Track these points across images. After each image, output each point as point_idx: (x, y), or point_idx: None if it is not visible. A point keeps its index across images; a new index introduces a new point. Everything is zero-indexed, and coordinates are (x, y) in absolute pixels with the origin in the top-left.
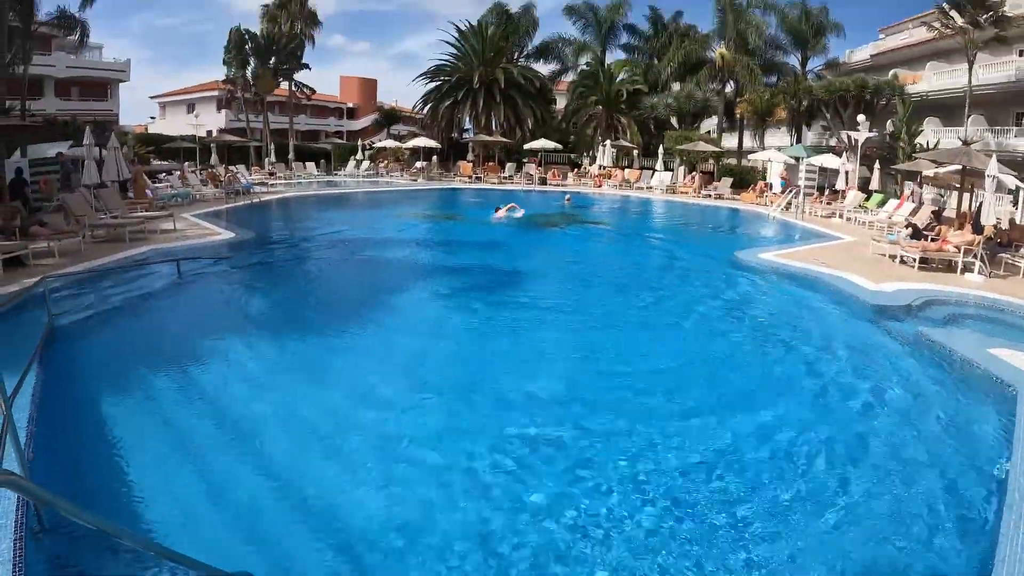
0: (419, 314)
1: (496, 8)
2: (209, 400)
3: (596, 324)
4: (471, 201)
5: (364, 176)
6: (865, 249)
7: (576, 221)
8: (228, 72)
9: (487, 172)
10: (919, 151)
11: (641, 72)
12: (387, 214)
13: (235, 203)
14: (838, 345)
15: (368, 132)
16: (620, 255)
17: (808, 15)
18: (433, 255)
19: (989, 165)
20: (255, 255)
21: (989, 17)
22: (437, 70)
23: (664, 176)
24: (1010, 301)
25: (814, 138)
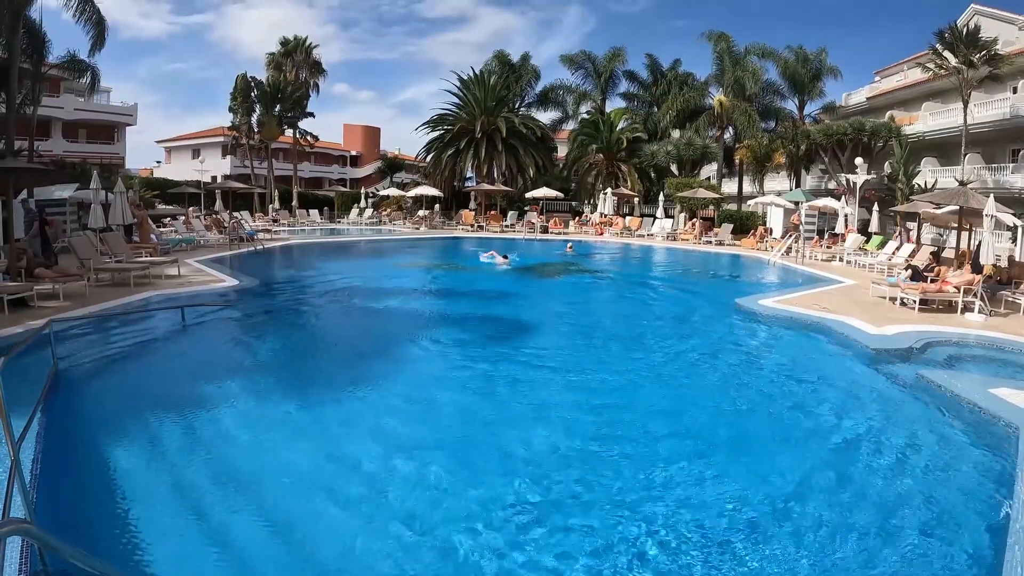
0: (418, 367)
1: (498, 57)
2: (210, 449)
3: (596, 374)
4: (473, 250)
5: (367, 224)
6: (865, 292)
7: (578, 270)
8: (233, 119)
9: (489, 221)
10: (917, 192)
11: (641, 120)
12: (389, 263)
13: (238, 250)
14: (839, 391)
15: (371, 180)
16: (621, 304)
17: (805, 60)
18: (435, 305)
19: (987, 205)
20: (258, 303)
21: (982, 56)
22: (440, 119)
23: (665, 223)
24: (1011, 340)
25: (813, 182)
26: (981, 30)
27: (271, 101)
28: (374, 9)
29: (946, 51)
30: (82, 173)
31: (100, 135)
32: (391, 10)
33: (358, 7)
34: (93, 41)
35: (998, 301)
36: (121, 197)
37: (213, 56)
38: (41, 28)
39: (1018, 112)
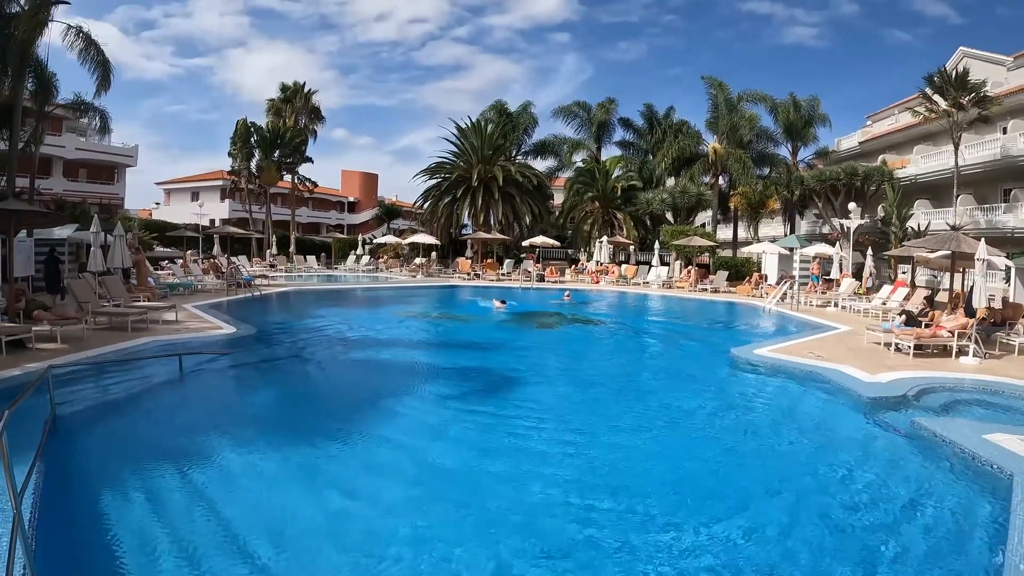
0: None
1: (495, 106)
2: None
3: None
4: (470, 299)
5: (364, 271)
6: (860, 338)
7: (575, 319)
8: (233, 163)
9: (485, 269)
10: (911, 234)
11: (636, 168)
12: (387, 311)
13: (236, 295)
14: (832, 441)
15: (368, 226)
16: (618, 355)
17: (798, 107)
18: (432, 356)
19: (978, 249)
20: (255, 352)
21: (972, 99)
22: (437, 167)
23: (661, 271)
24: (1006, 382)
25: (807, 227)
26: (970, 72)
27: (270, 146)
28: (373, 56)
29: (936, 94)
30: (82, 214)
31: (100, 175)
32: (390, 57)
33: (357, 54)
34: (98, 83)
35: (993, 343)
36: (120, 240)
37: (214, 99)
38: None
39: (1008, 152)
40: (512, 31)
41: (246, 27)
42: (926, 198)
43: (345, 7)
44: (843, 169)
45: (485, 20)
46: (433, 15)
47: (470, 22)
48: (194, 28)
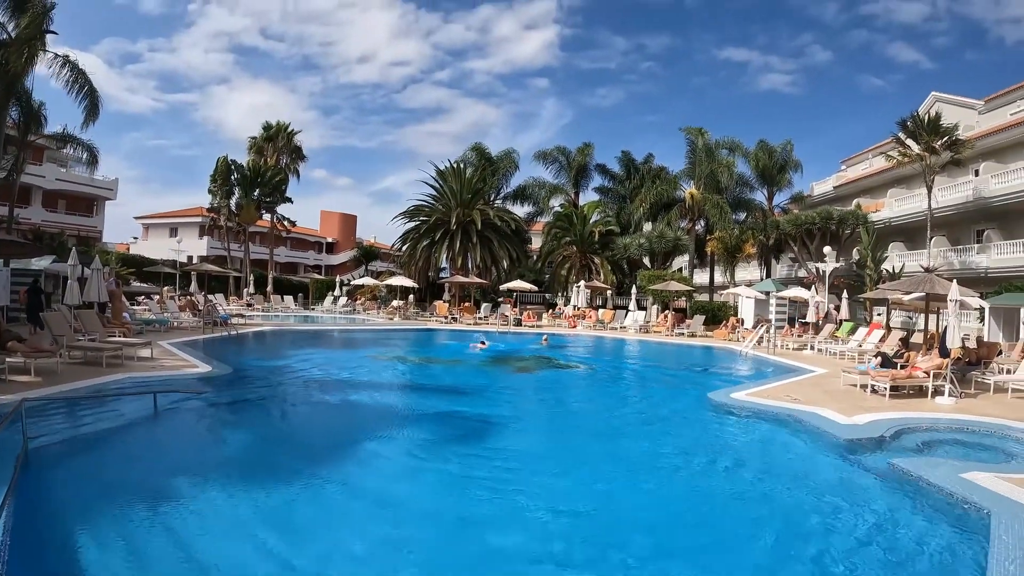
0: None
1: (476, 149)
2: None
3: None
4: (446, 343)
5: (341, 312)
6: (836, 381)
7: (553, 364)
8: (213, 200)
9: (463, 313)
10: (885, 277)
11: (614, 213)
12: (363, 354)
13: (212, 334)
14: (809, 484)
15: (346, 267)
16: (594, 400)
17: (772, 153)
18: (408, 400)
19: (951, 290)
20: (230, 392)
21: (944, 142)
22: (416, 210)
23: (637, 315)
24: (981, 421)
25: (783, 271)
26: (942, 116)
27: (251, 185)
28: (355, 97)
29: (909, 139)
30: (59, 245)
31: (79, 207)
32: (371, 99)
33: (340, 95)
34: (86, 113)
35: (968, 382)
36: (97, 274)
37: (196, 135)
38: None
39: (981, 194)
40: (493, 76)
41: (230, 65)
42: (900, 240)
43: (329, 48)
44: (818, 213)
45: (466, 64)
46: (415, 58)
47: (451, 66)
48: (179, 63)
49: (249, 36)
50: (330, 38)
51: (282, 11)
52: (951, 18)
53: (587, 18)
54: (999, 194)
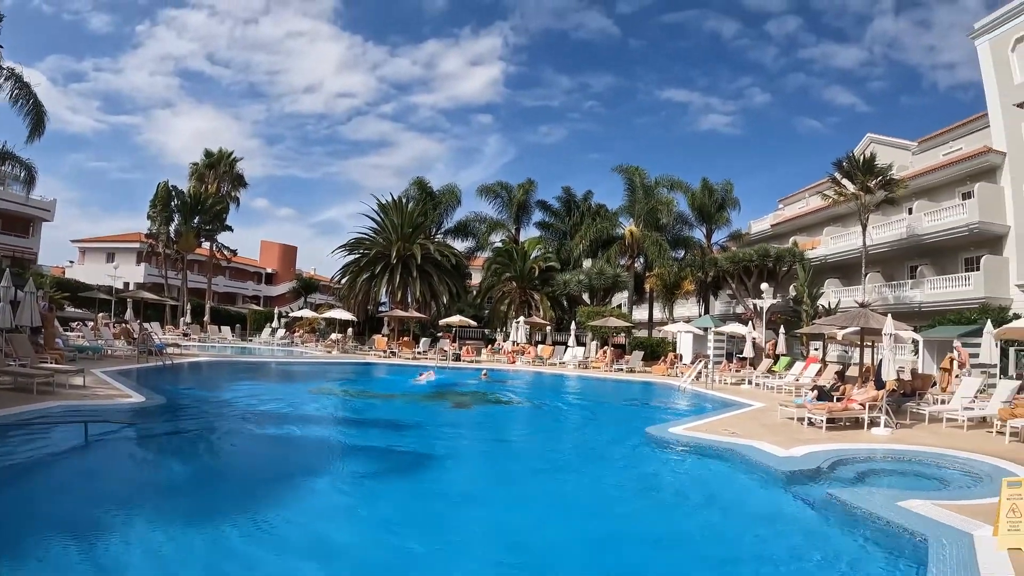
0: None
1: (417, 183)
2: None
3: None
4: (384, 377)
5: (279, 345)
6: (774, 414)
7: (491, 399)
8: (152, 226)
9: (402, 347)
10: (821, 312)
11: (554, 249)
12: (300, 387)
13: (146, 363)
14: (747, 516)
15: (285, 299)
16: (533, 434)
17: (712, 191)
18: (343, 435)
19: (885, 324)
20: (163, 423)
21: (879, 182)
22: (356, 243)
23: (577, 351)
24: (916, 450)
25: (721, 307)
26: (877, 157)
27: (191, 212)
28: (299, 127)
29: (845, 179)
30: None
31: (15, 227)
32: (315, 130)
33: (284, 124)
34: (31, 129)
35: (903, 413)
36: (31, 297)
37: (138, 159)
38: None
39: (914, 231)
40: (437, 111)
41: (175, 88)
42: (836, 277)
43: (275, 77)
44: (756, 251)
45: (411, 99)
46: (361, 91)
47: (396, 99)
48: (123, 84)
49: (196, 61)
50: (277, 67)
51: (230, 37)
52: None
53: (532, 56)
54: (931, 231)
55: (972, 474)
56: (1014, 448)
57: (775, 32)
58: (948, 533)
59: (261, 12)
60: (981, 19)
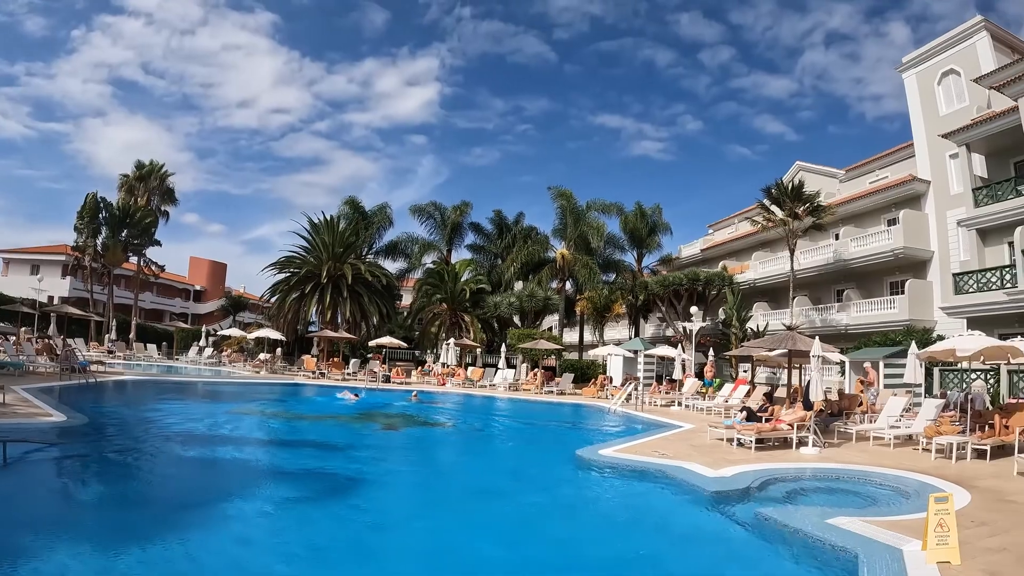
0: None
1: (350, 202)
2: None
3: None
4: (313, 398)
5: (206, 364)
6: (703, 436)
7: (421, 421)
8: (78, 238)
9: (331, 368)
10: (750, 335)
11: (485, 272)
12: (227, 407)
13: (69, 380)
14: (676, 536)
15: (214, 317)
16: (462, 456)
17: (643, 215)
18: (269, 456)
19: (813, 347)
20: (85, 444)
21: (807, 208)
22: (287, 261)
23: (507, 373)
24: (843, 468)
25: (652, 330)
26: (805, 184)
27: (119, 225)
28: (232, 142)
29: (774, 205)
30: None
31: None
32: (248, 145)
33: (217, 138)
34: None
35: (831, 433)
36: None
37: (66, 168)
38: None
39: (841, 256)
40: (371, 130)
41: (107, 97)
42: (765, 300)
43: (210, 89)
44: (685, 275)
45: (346, 117)
46: (295, 107)
47: (331, 117)
48: (55, 91)
49: (130, 70)
50: (212, 79)
51: (166, 47)
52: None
53: (468, 78)
54: (857, 256)
55: (900, 491)
56: (939, 464)
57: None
58: (878, 549)
59: (199, 23)
60: (909, 53)
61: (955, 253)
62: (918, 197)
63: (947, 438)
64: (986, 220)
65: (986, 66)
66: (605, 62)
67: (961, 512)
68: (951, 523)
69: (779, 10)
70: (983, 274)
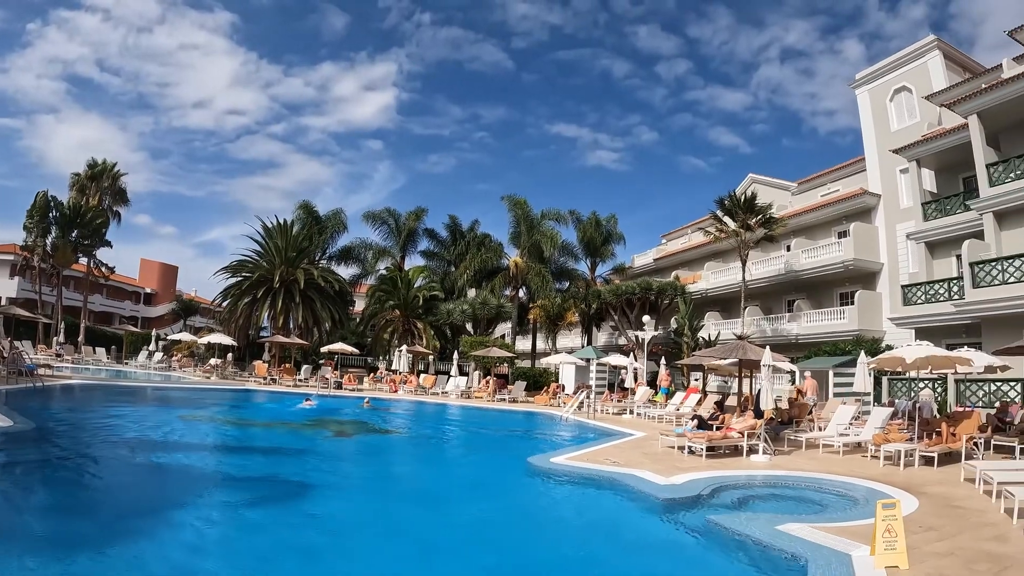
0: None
1: (304, 207)
2: None
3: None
4: (264, 404)
5: (156, 368)
6: (655, 444)
7: (372, 428)
8: (27, 237)
9: (282, 374)
10: (702, 344)
11: (439, 279)
12: (177, 413)
13: (15, 384)
14: (627, 544)
15: (164, 321)
16: (413, 464)
17: (598, 225)
18: (218, 463)
19: (763, 356)
20: (31, 450)
21: (759, 220)
22: (239, 265)
23: (459, 381)
24: (793, 475)
25: (605, 338)
26: (758, 196)
27: (69, 225)
28: (186, 143)
29: (726, 216)
30: None
31: None
32: (203, 147)
33: (171, 138)
34: None
35: (781, 440)
36: None
37: (16, 165)
38: None
39: (792, 267)
40: (327, 134)
41: (61, 94)
42: (716, 310)
43: (165, 89)
44: (638, 284)
45: (302, 120)
46: (252, 109)
47: (287, 120)
48: (8, 85)
49: (85, 66)
50: (168, 79)
51: (122, 45)
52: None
53: (426, 84)
54: (808, 268)
55: (849, 497)
56: (888, 471)
57: (665, 74)
58: (827, 554)
59: (156, 21)
60: (862, 70)
61: (904, 265)
62: (868, 210)
63: (895, 445)
64: (935, 233)
65: (938, 84)
66: (563, 71)
67: (909, 518)
68: (899, 529)
69: (736, 25)
70: (931, 286)
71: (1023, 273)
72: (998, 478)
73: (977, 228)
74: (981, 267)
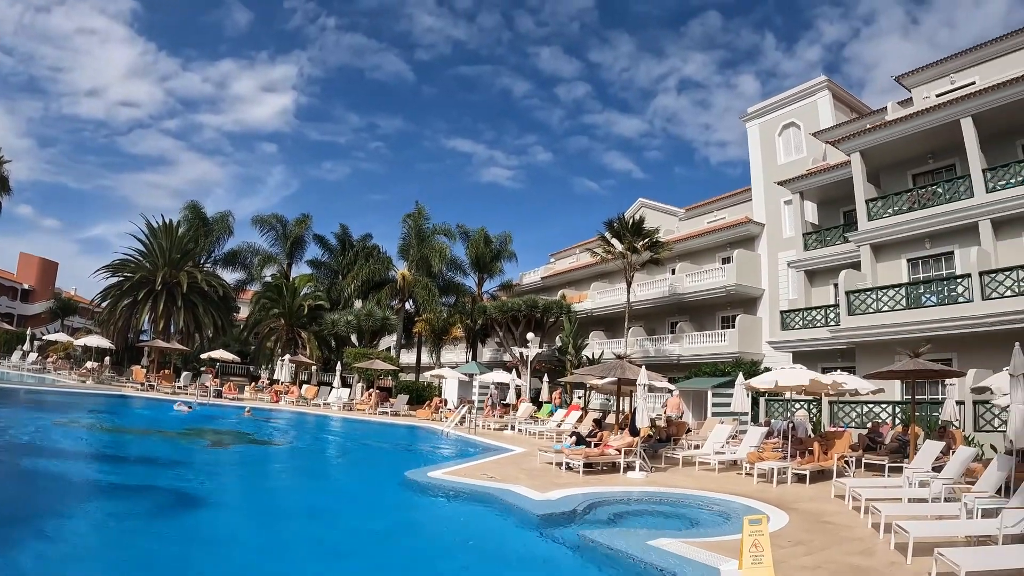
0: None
1: (192, 207)
2: None
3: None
4: (140, 411)
5: (29, 370)
6: (534, 459)
7: (250, 439)
8: None
9: (161, 380)
10: (585, 363)
11: (325, 288)
12: (47, 418)
13: None
14: (501, 560)
15: (41, 319)
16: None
17: (489, 241)
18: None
19: (640, 375)
20: None
21: (645, 243)
22: (121, 264)
23: (342, 392)
24: (667, 492)
25: (490, 354)
26: (646, 220)
27: None
28: (76, 132)
29: (614, 238)
30: None
31: None
32: (93, 138)
33: (61, 126)
34: None
35: (659, 458)
36: None
37: None
38: None
39: (675, 290)
40: (222, 133)
41: None
42: (601, 329)
43: (58, 74)
44: (524, 301)
45: (197, 117)
46: (146, 102)
47: (182, 116)
48: None
49: None
50: (62, 63)
51: (18, 23)
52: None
53: (325, 89)
54: (691, 291)
55: (722, 513)
56: (761, 488)
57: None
58: (696, 568)
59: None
60: (754, 105)
61: (784, 292)
62: (752, 238)
63: (769, 463)
64: (814, 263)
65: (825, 122)
66: (463, 87)
67: (779, 533)
68: (765, 543)
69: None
70: (809, 312)
71: (895, 302)
72: (866, 495)
73: (854, 259)
74: (856, 296)
